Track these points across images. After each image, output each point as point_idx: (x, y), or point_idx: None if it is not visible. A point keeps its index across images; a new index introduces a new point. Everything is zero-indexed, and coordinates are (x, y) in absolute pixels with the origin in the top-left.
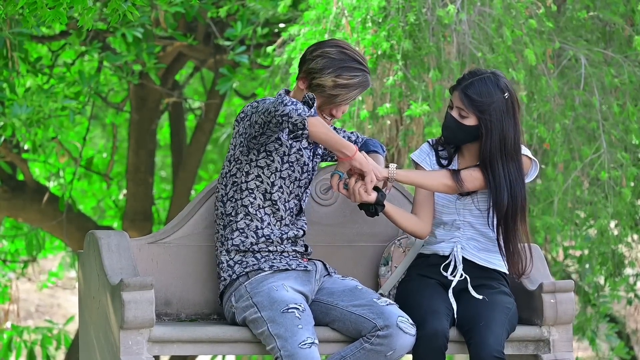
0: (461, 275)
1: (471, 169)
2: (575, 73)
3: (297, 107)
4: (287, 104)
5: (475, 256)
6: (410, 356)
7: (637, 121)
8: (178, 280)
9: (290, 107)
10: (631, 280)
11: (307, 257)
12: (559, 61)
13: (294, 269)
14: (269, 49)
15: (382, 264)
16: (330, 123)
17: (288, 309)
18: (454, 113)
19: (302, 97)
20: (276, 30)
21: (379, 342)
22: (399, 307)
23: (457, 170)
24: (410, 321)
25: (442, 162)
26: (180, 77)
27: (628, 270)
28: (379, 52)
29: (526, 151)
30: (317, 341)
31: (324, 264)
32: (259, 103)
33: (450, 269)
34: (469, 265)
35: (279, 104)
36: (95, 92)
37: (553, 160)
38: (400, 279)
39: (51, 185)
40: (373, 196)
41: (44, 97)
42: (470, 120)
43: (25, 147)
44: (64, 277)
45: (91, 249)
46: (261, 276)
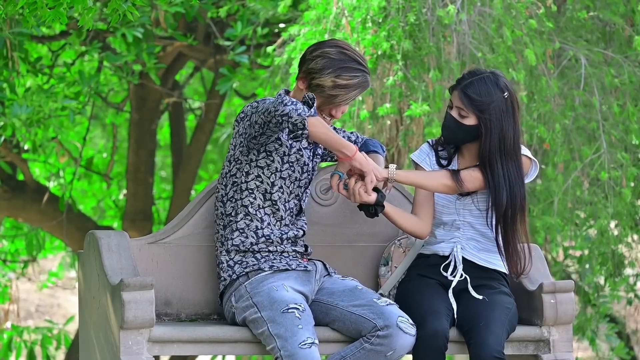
0: (461, 276)
1: (471, 169)
2: (576, 73)
3: (297, 107)
4: (287, 104)
5: (475, 256)
6: (410, 356)
7: (637, 121)
8: (178, 280)
9: (290, 107)
10: (631, 280)
11: (307, 257)
12: (559, 61)
13: (294, 269)
14: (269, 49)
15: (382, 264)
16: (330, 123)
17: (288, 309)
18: (454, 113)
19: (302, 97)
20: (276, 31)
21: (379, 342)
22: (399, 307)
23: (457, 171)
24: (411, 321)
25: (442, 162)
26: (180, 77)
27: (628, 271)
28: (379, 52)
29: (526, 151)
30: (317, 341)
31: (324, 264)
32: (259, 103)
33: (450, 269)
34: (469, 265)
35: (279, 104)
36: (95, 92)
37: (553, 161)
38: (400, 279)
39: (51, 185)
40: (373, 197)
41: (44, 97)
42: (470, 120)
43: (26, 147)
44: (64, 277)
45: (91, 249)
46: (261, 276)
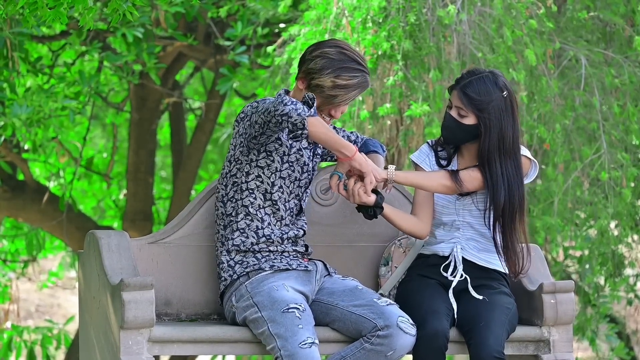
0: (461, 276)
1: (470, 169)
2: (576, 73)
3: (297, 107)
4: (287, 104)
5: (475, 256)
6: (410, 356)
7: (637, 122)
8: (178, 280)
9: (290, 106)
10: (631, 280)
11: (307, 257)
12: (559, 61)
13: (294, 269)
14: (269, 49)
15: (382, 264)
16: (330, 123)
17: (288, 309)
18: (453, 113)
19: (302, 97)
20: (276, 31)
21: (379, 342)
22: (399, 307)
23: (456, 171)
24: (411, 321)
25: (442, 162)
26: (180, 77)
27: (628, 271)
28: (379, 52)
29: (526, 152)
30: (317, 341)
31: (324, 264)
32: (259, 103)
33: (450, 270)
34: (468, 265)
35: (279, 104)
36: (95, 92)
37: (553, 161)
38: (401, 279)
39: (51, 185)
40: (372, 198)
41: (44, 97)
42: (469, 120)
43: (26, 147)
44: (64, 277)
45: (91, 249)
46: (262, 276)
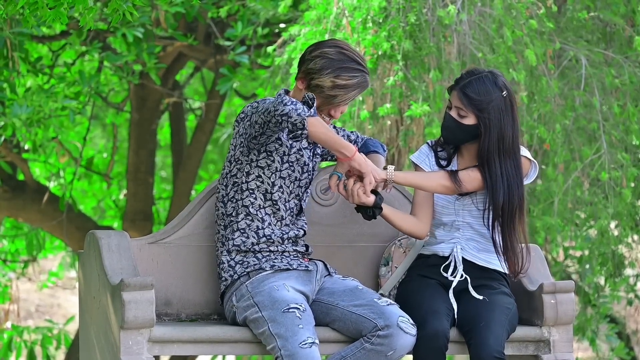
0: (461, 276)
1: (470, 169)
2: (576, 74)
3: (296, 107)
4: (286, 104)
5: (475, 257)
6: (410, 356)
7: (637, 122)
8: (178, 280)
9: (290, 107)
10: (631, 280)
11: (307, 257)
12: (559, 62)
13: (295, 269)
14: (270, 49)
15: (382, 264)
16: (329, 123)
17: (289, 309)
18: (453, 113)
19: (302, 97)
20: (277, 31)
21: (379, 342)
22: (399, 308)
23: (455, 171)
24: (411, 321)
25: (442, 163)
26: (180, 77)
27: (628, 271)
28: (380, 53)
29: (525, 152)
30: (317, 341)
31: (324, 264)
32: (259, 103)
33: (450, 270)
34: (468, 265)
35: (279, 104)
36: (95, 92)
37: (553, 161)
38: (401, 280)
39: (51, 185)
40: (371, 199)
41: (44, 97)
42: (469, 120)
43: (26, 147)
44: (64, 277)
45: (91, 249)
46: (262, 276)
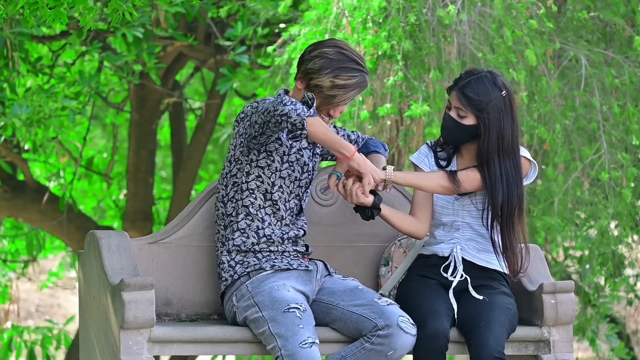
0: (462, 276)
1: (469, 169)
2: (576, 74)
3: (296, 107)
4: (286, 104)
5: (475, 257)
6: (410, 356)
7: (637, 122)
8: (178, 280)
9: (289, 107)
10: (631, 280)
11: (307, 257)
12: (559, 62)
13: (295, 269)
14: (270, 49)
15: (382, 265)
16: (329, 123)
17: (289, 309)
18: (453, 113)
19: (301, 97)
20: (277, 31)
21: (379, 342)
22: (399, 307)
23: (454, 172)
24: (411, 321)
25: (441, 163)
26: (180, 77)
27: (628, 271)
28: (380, 53)
29: (525, 153)
30: (317, 341)
31: (324, 264)
32: (259, 103)
33: (450, 270)
34: (468, 266)
35: (279, 104)
36: (95, 92)
37: (553, 161)
38: (401, 280)
39: (51, 185)
40: (370, 199)
41: (45, 97)
42: (469, 120)
43: (26, 147)
44: (64, 277)
45: (91, 249)
46: (262, 275)
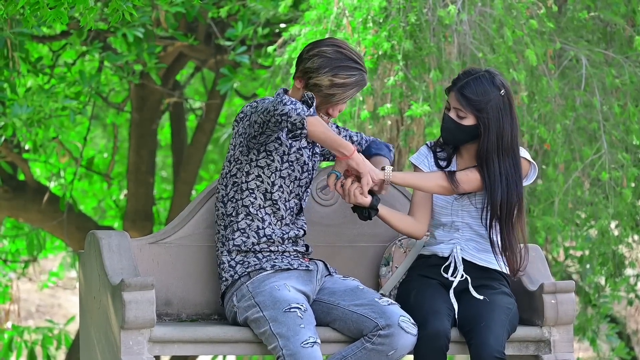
0: (462, 276)
1: (468, 170)
2: (576, 73)
3: (296, 107)
4: (286, 104)
5: (475, 257)
6: (411, 356)
7: (637, 122)
8: (179, 280)
9: (289, 106)
10: (632, 280)
11: (307, 257)
12: (559, 62)
13: (295, 269)
14: (270, 49)
15: (382, 265)
16: (328, 122)
17: (290, 309)
18: (452, 114)
19: (300, 96)
20: (277, 31)
21: (380, 342)
22: (400, 307)
23: (453, 172)
24: (412, 321)
25: (441, 163)
26: (181, 77)
27: (628, 271)
28: (380, 53)
29: (525, 154)
30: (319, 341)
31: (324, 264)
32: (258, 103)
33: (451, 271)
34: (468, 266)
35: (278, 103)
36: (96, 92)
37: (554, 161)
38: (401, 280)
39: (52, 185)
40: (368, 199)
41: (45, 97)
42: (468, 120)
43: (26, 147)
44: (65, 277)
45: (92, 249)
46: (263, 275)
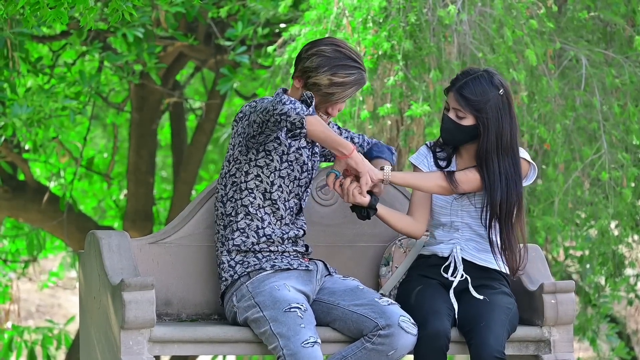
0: (462, 276)
1: (467, 170)
2: (576, 73)
3: (295, 106)
4: (285, 103)
5: (475, 257)
6: (411, 356)
7: (637, 122)
8: (179, 280)
9: (288, 105)
10: (632, 280)
11: (307, 257)
12: (559, 62)
13: (295, 269)
14: (270, 49)
15: (382, 264)
16: (327, 121)
17: (290, 309)
18: (451, 114)
19: (299, 95)
20: (277, 31)
21: (380, 342)
22: (400, 307)
23: (452, 172)
24: (412, 321)
25: (441, 163)
26: (181, 77)
27: (628, 271)
28: (380, 52)
29: (525, 155)
30: (319, 340)
31: (324, 264)
32: (257, 102)
33: (450, 271)
34: (468, 266)
35: (277, 103)
36: (96, 92)
37: (554, 161)
38: (401, 280)
39: (52, 185)
40: (366, 199)
41: (45, 97)
42: (467, 121)
43: (26, 147)
44: (65, 277)
45: (92, 249)
46: (263, 275)
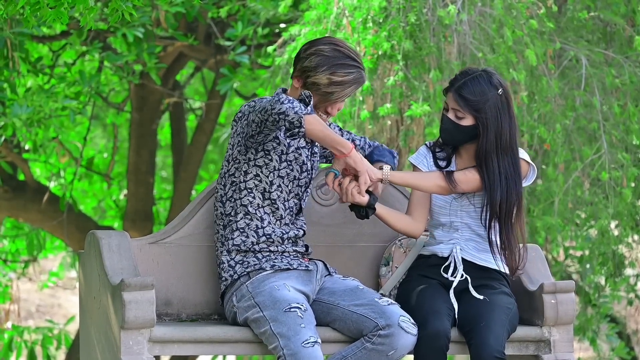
0: (462, 276)
1: (466, 170)
2: (576, 73)
3: (293, 105)
4: (284, 102)
5: (475, 257)
6: (411, 356)
7: (637, 122)
8: (179, 280)
9: (287, 105)
10: (632, 280)
11: (307, 257)
12: (559, 62)
13: (295, 269)
14: (270, 49)
15: (382, 264)
16: (326, 121)
17: (290, 309)
18: (450, 115)
19: (299, 95)
20: (277, 31)
21: (380, 342)
22: (400, 307)
23: (451, 172)
24: (412, 321)
25: (440, 163)
26: (181, 77)
27: (628, 271)
28: (380, 52)
29: (524, 155)
30: (319, 340)
31: (324, 264)
32: (256, 102)
33: (450, 271)
34: (468, 266)
35: (276, 102)
36: (95, 92)
37: (554, 161)
38: (401, 280)
39: (52, 185)
40: (365, 198)
41: (45, 97)
42: (467, 121)
43: (26, 147)
44: (65, 277)
45: (92, 249)
46: (262, 275)
